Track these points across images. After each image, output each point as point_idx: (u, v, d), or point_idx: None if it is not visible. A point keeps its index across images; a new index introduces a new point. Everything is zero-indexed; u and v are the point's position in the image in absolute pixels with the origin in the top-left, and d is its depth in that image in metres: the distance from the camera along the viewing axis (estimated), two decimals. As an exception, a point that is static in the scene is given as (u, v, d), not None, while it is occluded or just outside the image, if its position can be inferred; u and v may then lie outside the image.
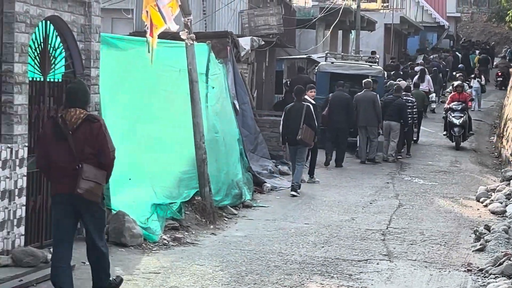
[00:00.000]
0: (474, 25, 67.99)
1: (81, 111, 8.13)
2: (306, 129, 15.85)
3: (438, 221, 14.14)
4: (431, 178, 19.22)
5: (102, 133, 8.07)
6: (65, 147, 7.99)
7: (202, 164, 13.07)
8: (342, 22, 32.89)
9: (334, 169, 19.95)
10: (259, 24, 22.80)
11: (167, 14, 11.79)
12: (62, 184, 8.04)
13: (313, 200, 15.68)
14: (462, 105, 24.18)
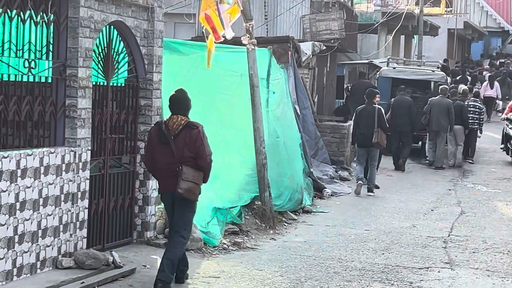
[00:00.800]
0: (540, 30, 66.77)
1: (183, 118, 8.95)
2: (380, 132, 16.53)
3: (501, 229, 13.91)
4: (494, 185, 18.94)
5: (200, 139, 8.84)
6: (167, 150, 8.85)
7: (262, 169, 13.07)
8: (404, 27, 32.71)
9: (395, 175, 19.83)
10: (321, 29, 22.74)
11: (225, 20, 11.81)
12: (165, 183, 8.95)
13: (373, 206, 15.57)
14: None
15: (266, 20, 21.95)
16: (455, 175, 20.41)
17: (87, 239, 9.47)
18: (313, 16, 22.84)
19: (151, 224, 10.76)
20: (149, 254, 10.21)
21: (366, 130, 16.69)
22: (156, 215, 10.92)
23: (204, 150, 8.84)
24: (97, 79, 9.80)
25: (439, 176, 20.05)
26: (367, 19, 31.65)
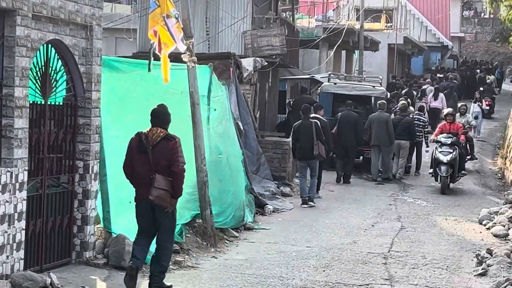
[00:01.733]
0: (478, 45, 68.11)
1: (162, 130, 9.74)
2: (320, 145, 17.38)
3: (440, 244, 14.08)
4: (433, 199, 19.17)
5: (175, 149, 9.64)
6: (145, 159, 9.59)
7: (203, 186, 13.03)
8: (345, 42, 32.99)
9: (337, 190, 19.93)
10: (262, 45, 22.79)
11: (175, 34, 11.82)
12: (141, 191, 9.63)
13: (315, 222, 15.62)
14: (452, 139, 20.10)
15: (207, 36, 21.94)
16: (395, 189, 20.61)
17: (24, 261, 9.32)
18: (254, 32, 22.88)
19: (90, 244, 10.64)
20: (88, 275, 10.10)
21: (305, 144, 17.41)
22: (95, 235, 10.81)
23: (178, 157, 9.60)
24: (35, 98, 9.68)
25: (380, 190, 20.23)
26: (309, 35, 31.83)
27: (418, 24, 51.63)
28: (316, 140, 17.36)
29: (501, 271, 11.51)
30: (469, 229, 15.66)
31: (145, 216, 9.72)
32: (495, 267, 11.64)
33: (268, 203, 16.72)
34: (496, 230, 15.13)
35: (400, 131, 21.86)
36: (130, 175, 9.79)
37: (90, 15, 10.47)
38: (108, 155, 11.06)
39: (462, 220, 16.60)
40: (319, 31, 31.99)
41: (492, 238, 14.81)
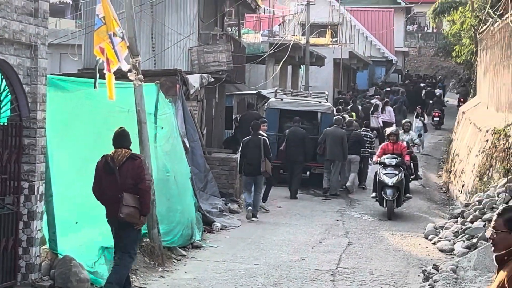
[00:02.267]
0: (421, 59, 69.03)
1: (126, 150, 10.39)
2: (267, 161, 17.84)
3: (387, 260, 14.20)
4: (380, 215, 19.32)
5: (141, 167, 10.27)
6: (113, 179, 10.18)
7: (151, 205, 12.93)
8: (291, 58, 33.17)
9: (284, 206, 19.97)
10: (209, 61, 22.82)
11: (119, 52, 11.77)
12: (111, 210, 10.22)
13: (262, 239, 15.64)
14: (397, 160, 18.98)
15: (153, 52, 21.90)
16: (342, 205, 20.74)
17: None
18: (200, 48, 22.90)
19: (35, 266, 10.49)
20: (34, 298, 9.96)
21: (253, 160, 17.85)
22: (41, 257, 10.66)
23: (144, 175, 10.23)
24: (-22, 119, 9.53)
25: (327, 206, 20.35)
26: (255, 50, 31.94)
27: (363, 39, 52.17)
28: (263, 157, 17.78)
29: (447, 286, 11.64)
30: (415, 244, 15.82)
31: (113, 232, 10.45)
32: (441, 282, 11.77)
33: (216, 221, 16.70)
34: (442, 245, 15.31)
35: (350, 146, 22.26)
36: (99, 196, 10.42)
37: (35, 34, 10.37)
38: (54, 176, 10.94)
39: (409, 235, 16.77)
40: (265, 47, 32.12)
41: (438, 253, 14.98)
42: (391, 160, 18.94)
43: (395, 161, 18.89)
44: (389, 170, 18.80)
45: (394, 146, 19.38)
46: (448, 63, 63.57)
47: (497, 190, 15.68)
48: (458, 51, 41.06)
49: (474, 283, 11.64)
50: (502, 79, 21.92)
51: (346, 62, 44.14)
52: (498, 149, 18.04)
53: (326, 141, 21.83)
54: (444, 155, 32.43)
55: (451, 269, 12.31)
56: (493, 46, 24.79)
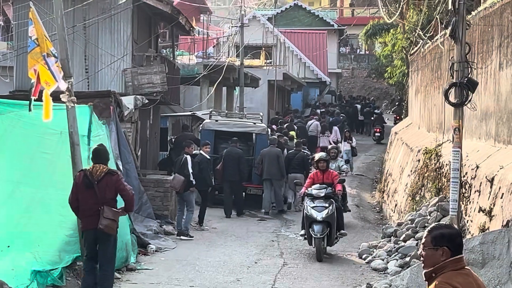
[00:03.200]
0: (354, 80, 69.82)
1: (104, 166, 11.11)
2: (176, 177, 18.47)
3: (322, 279, 14.29)
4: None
5: (120, 181, 11.06)
6: (92, 193, 10.94)
7: (85, 227, 12.79)
8: (226, 79, 33.26)
9: (219, 227, 19.96)
10: (143, 83, 22.73)
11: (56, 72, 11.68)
12: (89, 222, 10.94)
13: (198, 260, 15.59)
14: (326, 190, 16.52)
15: (87, 74, 21.73)
16: (277, 225, 20.81)
17: None
18: (134, 69, 22.81)
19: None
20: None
21: None
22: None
23: (125, 188, 11.06)
24: None
25: (262, 227, 20.40)
26: (189, 72, 31.96)
27: (296, 60, 52.57)
28: (174, 173, 18.66)
29: (381, 305, 11.76)
30: (349, 264, 15.95)
31: (91, 244, 11.12)
32: (375, 301, 11.89)
33: (150, 243, 16.59)
34: (375, 264, 15.47)
35: (295, 165, 22.95)
36: (76, 209, 11.14)
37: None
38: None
39: (343, 255, 16.90)
40: (199, 68, 32.15)
41: (372, 272, 15.12)
42: (320, 191, 16.41)
43: (325, 192, 16.36)
44: (318, 202, 16.24)
45: (324, 175, 16.89)
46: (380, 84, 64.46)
47: (429, 209, 15.93)
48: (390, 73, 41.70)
49: (407, 301, 11.77)
50: (432, 100, 22.33)
51: (281, 83, 44.41)
52: (429, 168, 18.36)
53: (263, 161, 22.32)
54: (377, 175, 32.83)
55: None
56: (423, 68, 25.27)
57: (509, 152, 12.87)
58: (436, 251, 5.38)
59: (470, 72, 12.81)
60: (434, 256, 5.40)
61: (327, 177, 16.93)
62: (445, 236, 5.41)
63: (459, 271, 5.30)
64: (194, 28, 32.30)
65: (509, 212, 11.14)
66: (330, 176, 17.00)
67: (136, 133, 21.91)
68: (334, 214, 16.20)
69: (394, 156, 27.12)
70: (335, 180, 16.95)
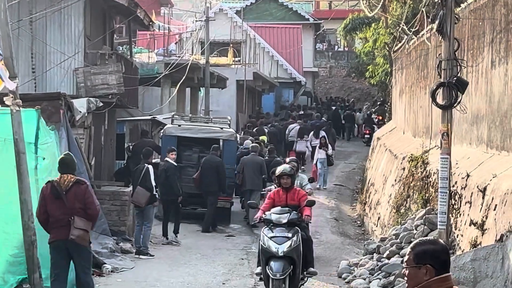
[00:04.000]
0: (332, 80, 70.08)
1: (72, 176, 11.81)
2: (139, 190, 18.37)
3: (297, 302, 14.28)
4: (289, 252, 19.40)
5: (88, 192, 11.83)
6: (60, 204, 11.64)
7: (31, 246, 12.73)
8: (189, 79, 33.24)
9: (183, 245, 19.94)
10: (97, 84, 22.65)
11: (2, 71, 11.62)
12: (58, 232, 11.64)
13: (159, 282, 15.55)
14: (290, 215, 13.50)
15: (33, 74, 21.62)
16: (247, 242, 20.83)
17: None
18: (87, 69, 22.73)
19: None
20: None
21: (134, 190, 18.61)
22: None
23: (93, 201, 11.81)
24: None
25: (231, 244, 20.40)
26: (149, 71, 31.91)
27: (268, 58, 52.67)
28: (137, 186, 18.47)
29: (363, 329, 11.81)
30: (327, 284, 15.98)
31: (60, 255, 11.74)
32: (356, 325, 11.93)
33: (106, 262, 16.51)
34: (356, 284, 15.50)
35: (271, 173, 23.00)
36: (45, 221, 11.82)
37: None
38: None
39: (320, 275, 16.91)
40: (160, 67, 32.11)
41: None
42: (281, 216, 13.50)
43: (288, 217, 13.45)
44: (279, 231, 13.34)
45: (288, 194, 14.14)
46: (361, 84, 64.78)
47: (415, 223, 16.02)
48: (371, 72, 41.96)
49: (391, 324, 11.83)
50: (419, 101, 22.49)
51: (251, 84, 44.48)
52: (415, 177, 18.47)
53: (244, 170, 22.68)
54: (358, 185, 32.96)
55: (366, 310, 12.48)
56: (408, 66, 25.44)
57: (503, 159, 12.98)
58: (419, 270, 5.39)
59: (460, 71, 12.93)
60: (417, 275, 5.41)
61: (292, 197, 14.14)
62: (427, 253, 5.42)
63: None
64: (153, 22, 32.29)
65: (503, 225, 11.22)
66: (296, 196, 14.20)
67: (90, 139, 21.81)
68: (299, 247, 13.34)
69: (377, 164, 27.26)
70: (302, 201, 14.08)
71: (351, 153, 41.90)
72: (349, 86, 68.11)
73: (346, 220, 25.86)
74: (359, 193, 30.62)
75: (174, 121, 24.58)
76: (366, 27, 42.27)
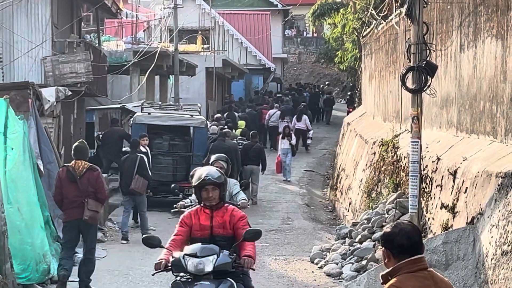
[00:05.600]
0: (302, 66, 70.17)
1: (85, 162, 13.36)
2: (138, 179, 18.96)
3: (271, 287, 14.32)
4: (261, 238, 19.27)
5: (100, 178, 13.40)
6: (75, 187, 13.19)
7: (2, 237, 12.62)
8: (159, 67, 33.15)
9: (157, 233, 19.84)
10: (65, 72, 22.56)
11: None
12: (72, 213, 13.27)
13: (131, 270, 15.51)
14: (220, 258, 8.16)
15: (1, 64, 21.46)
16: (220, 229, 20.77)
17: None
18: (55, 58, 22.59)
19: None
20: None
21: (128, 178, 19.06)
22: None
23: (103, 186, 13.43)
24: None
25: (203, 231, 20.32)
26: (118, 59, 31.77)
27: (237, 45, 52.57)
28: (135, 174, 18.94)
29: (336, 314, 11.86)
30: (300, 269, 16.03)
31: (73, 233, 13.44)
32: (329, 310, 11.97)
33: (77, 252, 16.41)
34: (329, 268, 15.58)
35: (252, 157, 24.47)
36: (60, 201, 13.44)
37: None
38: None
39: (293, 260, 16.98)
40: (128, 55, 31.99)
41: (325, 277, 15.23)
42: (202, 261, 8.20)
43: (214, 262, 8.17)
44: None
45: (215, 218, 8.72)
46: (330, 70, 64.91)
47: (386, 207, 16.09)
48: (340, 57, 42.02)
49: (364, 308, 11.88)
50: (388, 86, 22.56)
51: (220, 71, 44.41)
52: (386, 162, 18.54)
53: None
54: (329, 170, 33.04)
55: (339, 295, 12.53)
56: (377, 51, 25.50)
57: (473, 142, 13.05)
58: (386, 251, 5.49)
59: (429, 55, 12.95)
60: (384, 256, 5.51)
61: (220, 222, 8.75)
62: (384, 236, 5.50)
63: (414, 274, 5.36)
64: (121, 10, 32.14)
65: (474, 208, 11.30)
66: (228, 220, 8.75)
67: (59, 129, 21.71)
68: None
69: (347, 149, 27.33)
70: (239, 230, 8.62)
71: (322, 139, 41.96)
72: (319, 72, 68.20)
73: (317, 205, 25.93)
74: (330, 178, 30.69)
75: (144, 109, 24.47)
76: (335, 12, 42.28)
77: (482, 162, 11.58)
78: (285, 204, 24.92)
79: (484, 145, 12.35)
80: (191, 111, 25.03)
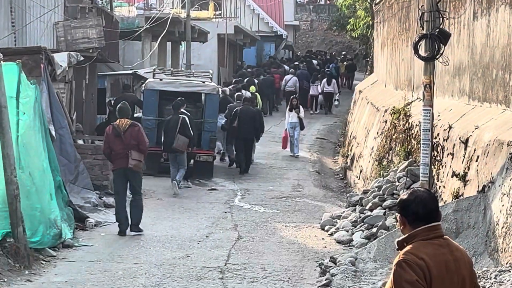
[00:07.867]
0: (314, 33, 69.94)
1: (128, 120, 15.66)
2: (181, 138, 20.56)
3: (281, 254, 14.40)
4: (272, 205, 19.54)
5: (141, 132, 15.60)
6: (120, 141, 15.43)
7: (14, 200, 12.72)
8: (170, 33, 33.08)
9: (166, 199, 19.94)
10: (77, 38, 22.51)
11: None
12: (119, 162, 15.48)
13: (142, 236, 15.59)
14: None
15: (13, 28, 21.41)
16: (230, 195, 20.86)
17: None
18: (67, 23, 22.54)
19: None
20: None
21: (171, 137, 20.62)
22: None
23: (144, 139, 15.59)
24: None
25: (214, 197, 20.43)
26: (130, 25, 31.68)
27: (249, 11, 52.43)
28: (177, 133, 20.54)
29: (346, 280, 11.88)
30: (311, 236, 16.10)
31: (121, 180, 15.63)
32: (339, 276, 12.00)
33: (89, 216, 16.53)
34: (339, 236, 15.63)
35: None
36: (108, 154, 15.75)
37: None
38: None
39: (303, 227, 17.04)
40: (141, 21, 31.91)
41: (335, 244, 15.29)
42: None
43: None
44: None
45: None
46: (342, 38, 64.71)
47: (397, 175, 16.10)
48: (353, 25, 41.84)
49: (374, 275, 11.94)
50: (400, 54, 22.48)
51: (232, 38, 44.32)
52: (397, 130, 18.53)
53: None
54: (340, 138, 33.05)
55: (349, 262, 12.56)
56: (390, 19, 25.39)
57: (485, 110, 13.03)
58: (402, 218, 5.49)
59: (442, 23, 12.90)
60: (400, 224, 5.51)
61: None
62: (400, 203, 5.50)
63: (430, 241, 5.36)
64: (134, -25, 32.01)
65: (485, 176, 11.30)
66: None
67: (71, 94, 21.73)
68: None
69: (359, 117, 27.30)
70: None
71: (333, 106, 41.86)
72: (330, 40, 68.01)
73: (328, 173, 25.95)
74: (341, 146, 30.70)
75: (156, 75, 24.40)
76: (348, -21, 42.09)
77: (494, 130, 11.57)
78: (296, 172, 24.95)
79: (496, 114, 12.33)
80: (203, 78, 24.99)
